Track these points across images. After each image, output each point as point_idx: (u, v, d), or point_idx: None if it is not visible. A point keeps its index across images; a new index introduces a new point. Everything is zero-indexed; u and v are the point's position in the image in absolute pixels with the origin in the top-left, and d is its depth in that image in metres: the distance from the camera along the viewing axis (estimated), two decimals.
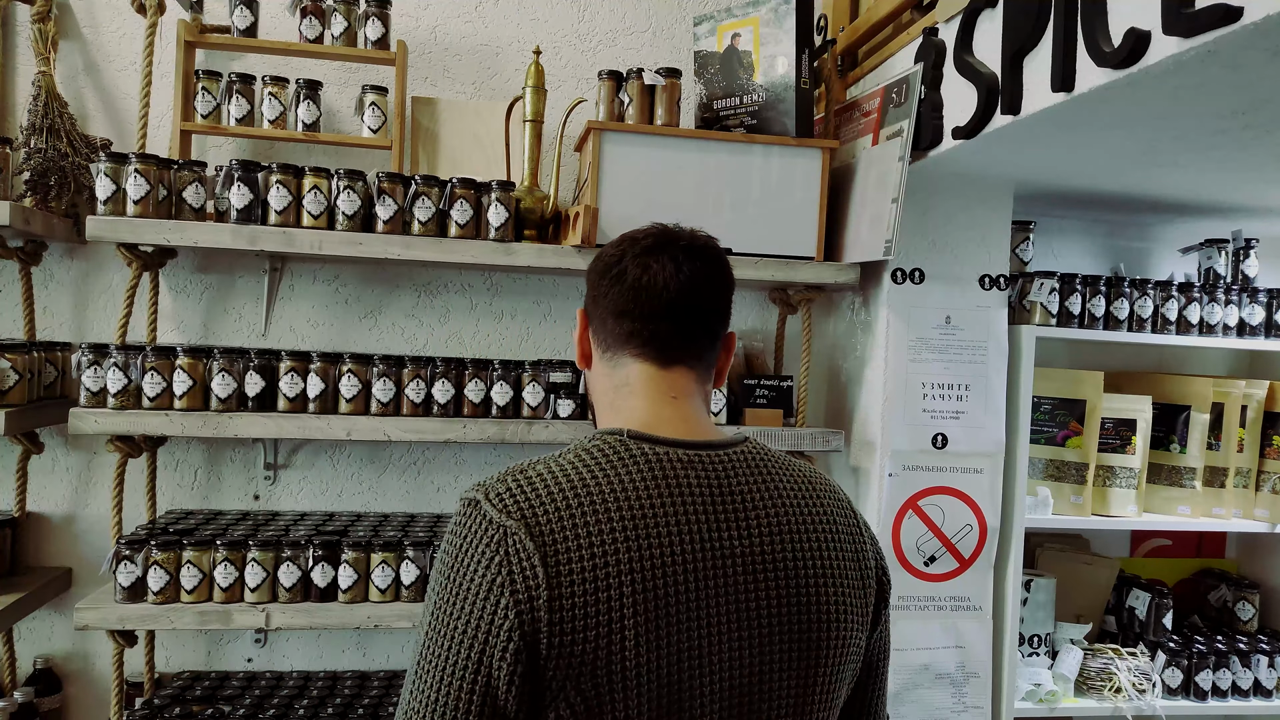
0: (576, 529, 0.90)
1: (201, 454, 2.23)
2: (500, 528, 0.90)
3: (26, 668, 2.15)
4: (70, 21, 2.16)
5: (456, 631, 0.88)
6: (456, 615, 0.89)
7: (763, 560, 0.97)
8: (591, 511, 0.91)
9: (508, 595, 0.87)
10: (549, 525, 0.90)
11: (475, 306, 2.34)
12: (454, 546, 0.92)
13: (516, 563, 0.88)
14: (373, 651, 2.30)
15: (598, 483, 0.93)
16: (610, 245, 1.14)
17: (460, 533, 0.92)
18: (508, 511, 0.91)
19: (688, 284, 1.06)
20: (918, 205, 2.10)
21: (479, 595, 0.88)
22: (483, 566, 0.89)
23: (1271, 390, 2.43)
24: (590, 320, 1.13)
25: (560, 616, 0.87)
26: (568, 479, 0.94)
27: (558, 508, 0.91)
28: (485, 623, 0.87)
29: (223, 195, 1.90)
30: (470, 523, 0.92)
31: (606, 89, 2.08)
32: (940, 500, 2.12)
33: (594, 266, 1.14)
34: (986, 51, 1.63)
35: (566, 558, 0.89)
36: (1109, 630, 2.51)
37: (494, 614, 0.87)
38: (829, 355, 2.43)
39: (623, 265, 1.08)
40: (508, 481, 0.94)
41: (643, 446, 0.98)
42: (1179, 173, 1.93)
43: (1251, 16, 1.06)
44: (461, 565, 0.90)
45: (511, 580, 0.88)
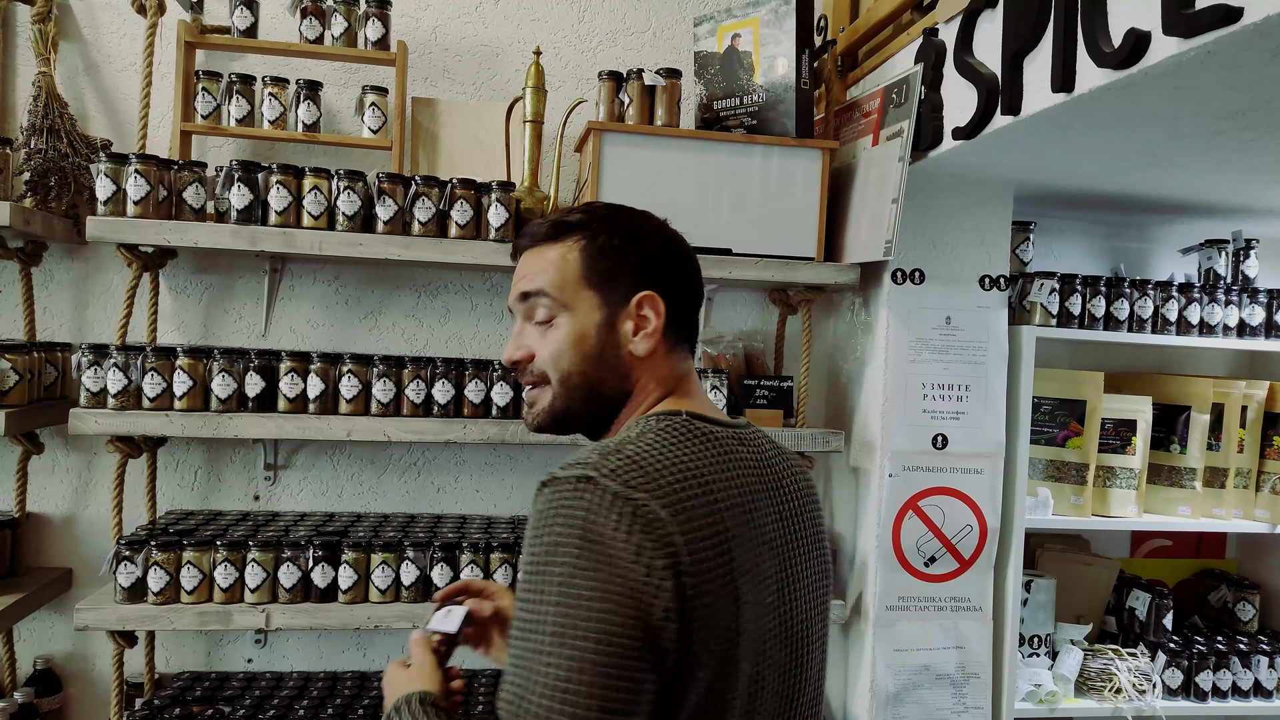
0: (692, 501, 0.93)
1: (201, 454, 2.23)
2: (630, 500, 0.89)
3: (26, 668, 2.15)
4: (70, 22, 2.16)
5: (611, 596, 0.86)
6: (607, 582, 0.86)
7: (798, 522, 1.08)
8: (695, 485, 0.95)
9: (660, 560, 0.88)
10: (672, 497, 0.92)
11: (475, 307, 2.34)
12: (576, 521, 0.88)
13: (657, 531, 0.89)
14: (373, 652, 2.30)
15: (687, 460, 0.97)
16: (632, 214, 1.13)
17: (581, 507, 0.89)
18: (631, 485, 0.90)
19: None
20: (918, 206, 2.10)
21: (629, 562, 0.87)
22: (624, 534, 0.87)
23: (1271, 391, 2.43)
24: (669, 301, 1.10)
25: (698, 581, 0.90)
26: (663, 457, 0.96)
27: (670, 482, 0.93)
28: (640, 585, 0.87)
29: (223, 196, 1.90)
30: (591, 497, 0.89)
31: (606, 89, 2.08)
32: (940, 501, 2.12)
33: (642, 239, 1.11)
34: (986, 52, 1.63)
35: (694, 525, 0.92)
36: (1109, 631, 2.50)
37: (648, 577, 0.87)
38: (829, 356, 2.43)
39: (671, 233, 1.14)
40: (612, 461, 0.93)
41: (704, 425, 1.04)
42: (1179, 173, 1.93)
43: (1251, 17, 1.06)
44: (598, 536, 0.88)
45: (658, 547, 0.88)
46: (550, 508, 0.91)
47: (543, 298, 1.09)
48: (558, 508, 0.91)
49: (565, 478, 0.92)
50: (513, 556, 1.98)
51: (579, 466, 0.93)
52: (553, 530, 0.90)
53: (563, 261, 1.09)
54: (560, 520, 0.90)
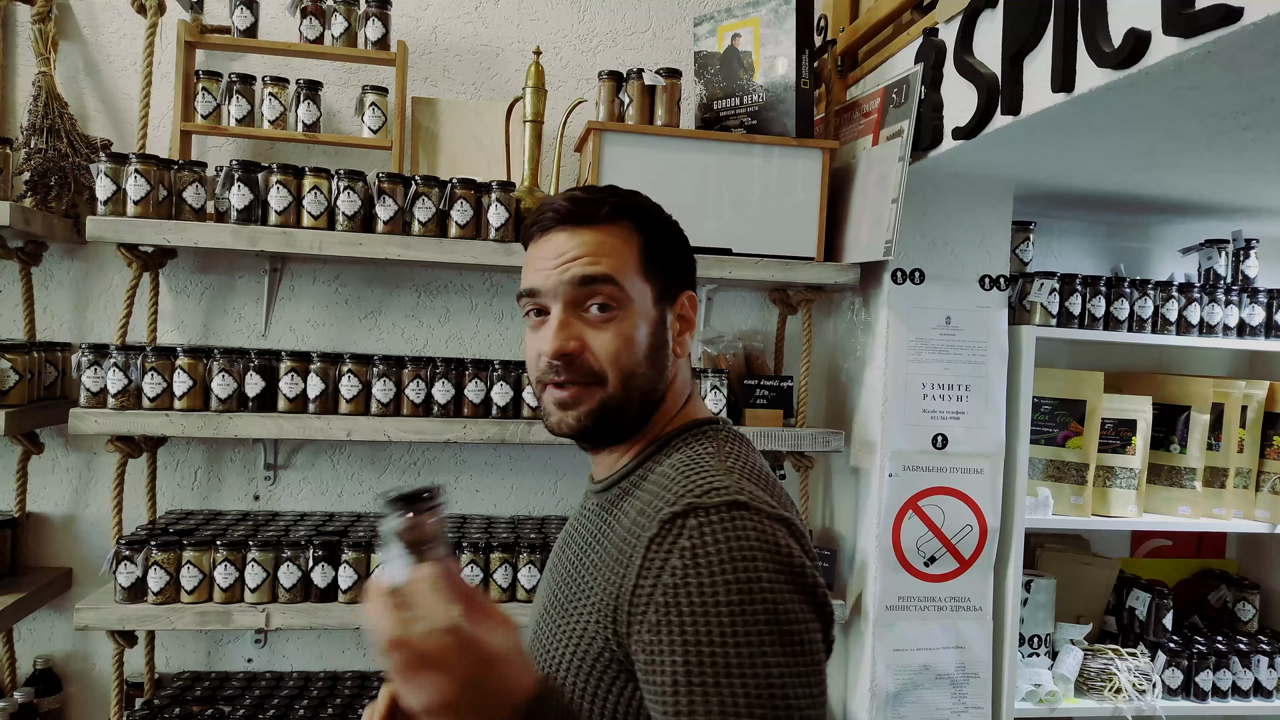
0: (794, 509, 0.96)
1: (201, 454, 2.23)
2: (784, 520, 0.88)
3: (26, 668, 2.15)
4: (70, 22, 2.16)
5: (812, 621, 0.85)
6: (804, 606, 0.85)
7: None
8: (784, 492, 0.97)
9: (820, 580, 0.88)
10: (793, 511, 0.94)
11: (475, 306, 2.34)
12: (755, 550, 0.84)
13: (807, 550, 0.89)
14: (373, 652, 2.30)
15: (765, 468, 0.99)
16: (657, 207, 1.07)
17: (754, 535, 0.85)
18: (774, 506, 0.90)
19: None
20: (918, 205, 2.10)
21: (812, 582, 0.86)
22: (798, 555, 0.86)
23: (1271, 390, 2.43)
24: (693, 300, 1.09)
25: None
26: (763, 471, 0.97)
27: (782, 496, 0.95)
28: (823, 602, 0.87)
29: (223, 195, 1.90)
30: (758, 524, 0.86)
31: (606, 89, 2.08)
32: (940, 501, 2.12)
33: (677, 234, 1.08)
34: (986, 52, 1.63)
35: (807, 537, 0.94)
36: (1109, 631, 2.50)
37: (824, 603, 0.87)
38: (829, 356, 2.43)
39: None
40: (742, 482, 0.91)
41: (738, 429, 1.06)
42: (1179, 173, 1.93)
43: (1251, 17, 1.06)
44: (785, 562, 0.85)
45: (811, 562, 0.88)
46: (714, 540, 0.84)
47: (609, 285, 0.98)
48: (725, 539, 0.84)
49: (714, 505, 0.86)
50: (512, 556, 1.98)
51: (719, 491, 0.88)
52: (732, 565, 0.83)
53: (626, 247, 1.00)
54: (737, 553, 0.83)
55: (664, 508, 0.88)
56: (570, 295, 0.98)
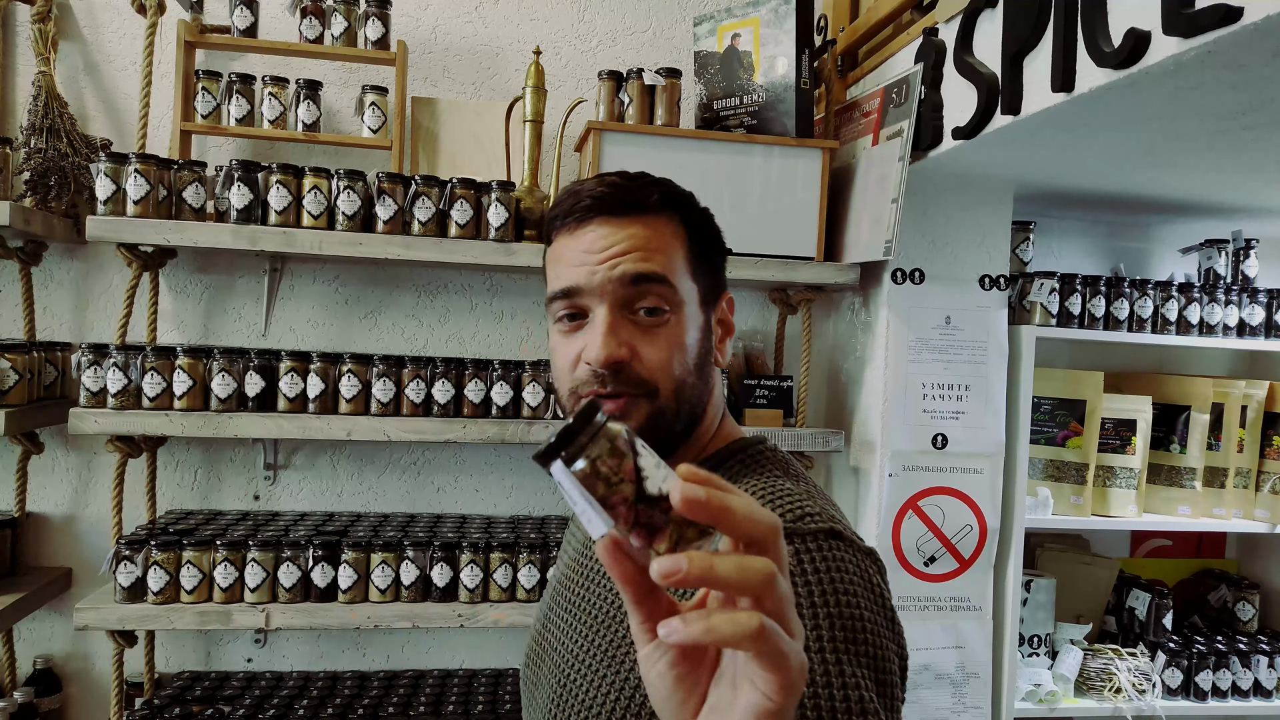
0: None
1: (201, 454, 2.23)
2: (870, 553, 0.85)
3: (26, 668, 2.15)
4: (70, 21, 2.16)
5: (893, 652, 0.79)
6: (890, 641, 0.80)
7: None
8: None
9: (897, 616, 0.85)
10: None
11: (475, 306, 2.34)
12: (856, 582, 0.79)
13: (887, 584, 0.85)
14: (372, 652, 2.30)
15: (824, 492, 0.94)
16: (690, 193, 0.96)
17: (852, 567, 0.80)
18: (861, 540, 0.86)
19: None
20: (918, 205, 2.10)
21: (897, 630, 0.82)
22: (888, 598, 0.83)
23: (1271, 390, 2.43)
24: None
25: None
26: (823, 494, 0.93)
27: (848, 522, 0.90)
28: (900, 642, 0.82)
29: (223, 195, 1.90)
30: (849, 555, 0.81)
31: (606, 89, 2.08)
32: (940, 500, 2.12)
33: (717, 226, 0.97)
34: (986, 52, 1.63)
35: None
36: (1109, 630, 2.50)
37: (901, 632, 0.83)
38: (829, 355, 2.43)
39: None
40: (829, 510, 0.87)
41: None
42: (1179, 173, 1.93)
43: (1251, 17, 1.06)
44: (880, 596, 0.81)
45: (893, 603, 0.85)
46: (815, 570, 0.77)
47: (663, 286, 0.87)
48: (825, 570, 0.77)
49: (809, 532, 0.80)
50: (513, 556, 1.98)
51: (813, 518, 0.82)
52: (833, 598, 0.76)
53: (675, 241, 0.90)
54: (837, 585, 0.77)
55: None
56: (619, 295, 0.86)
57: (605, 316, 0.86)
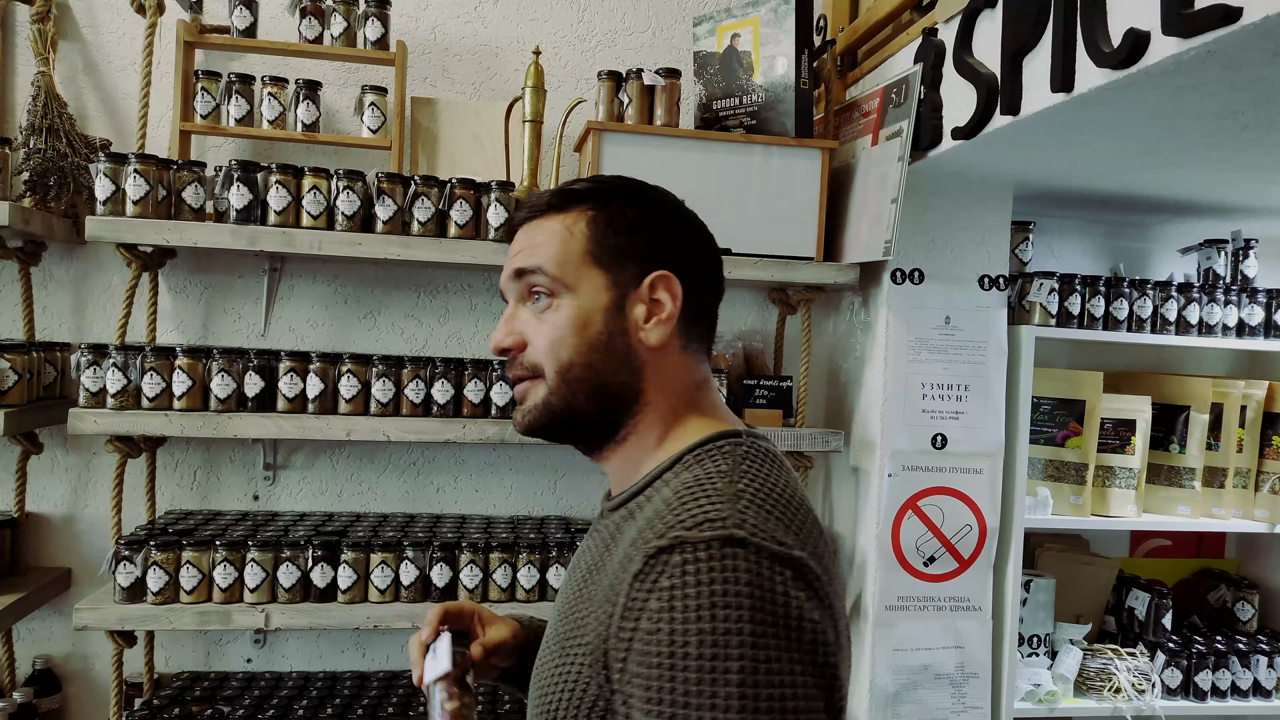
0: (823, 544, 0.85)
1: (201, 454, 2.23)
2: (790, 561, 0.77)
3: (26, 668, 2.15)
4: (70, 21, 2.16)
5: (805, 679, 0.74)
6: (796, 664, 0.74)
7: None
8: (816, 524, 0.87)
9: (830, 626, 0.78)
10: (814, 545, 0.83)
11: (475, 306, 2.34)
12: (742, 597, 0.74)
13: (821, 591, 0.79)
14: (372, 652, 2.30)
15: (799, 495, 0.88)
16: (645, 186, 0.99)
17: (743, 579, 0.74)
18: (783, 542, 0.78)
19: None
20: (917, 205, 2.10)
21: (810, 635, 0.75)
22: (796, 603, 0.75)
23: (1271, 390, 2.43)
24: (685, 287, 0.96)
25: (845, 641, 0.84)
26: (785, 497, 0.85)
27: (806, 527, 0.84)
28: (825, 658, 0.76)
29: (222, 195, 1.90)
30: (751, 564, 0.75)
31: (606, 89, 2.08)
32: (940, 500, 2.12)
33: (659, 210, 0.98)
34: (986, 52, 1.63)
35: (834, 574, 0.84)
36: (1108, 630, 2.51)
37: (826, 655, 0.76)
38: (828, 355, 2.43)
39: (706, 230, 1.01)
40: (748, 511, 0.80)
41: (765, 444, 0.94)
42: (1179, 173, 1.93)
43: (1251, 16, 1.06)
44: (774, 613, 0.74)
45: (825, 610, 0.78)
46: (695, 582, 0.74)
47: (540, 275, 0.94)
48: (708, 582, 0.74)
49: (703, 540, 0.76)
50: (512, 557, 1.98)
51: (711, 524, 0.77)
52: (710, 614, 0.73)
53: (567, 234, 0.95)
54: (718, 599, 0.73)
55: (652, 539, 0.79)
56: (513, 290, 0.98)
57: (508, 309, 0.99)
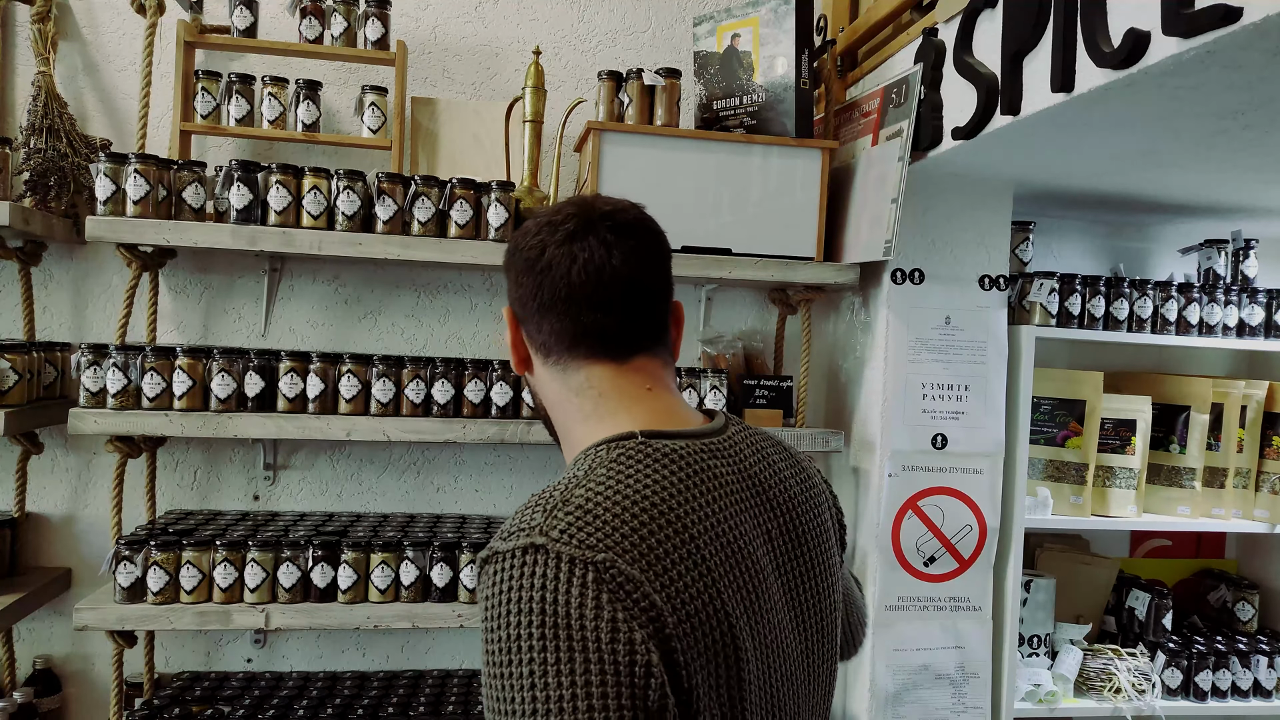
0: (665, 545, 0.81)
1: (201, 454, 2.23)
2: (589, 565, 0.76)
3: (26, 668, 2.15)
4: (70, 21, 2.16)
5: (593, 689, 0.73)
6: (583, 674, 0.73)
7: (787, 534, 0.97)
8: (665, 525, 0.82)
9: (638, 630, 0.75)
10: (641, 547, 0.79)
11: (475, 306, 2.34)
12: (533, 603, 0.75)
13: (628, 595, 0.76)
14: (372, 652, 2.30)
15: (651, 495, 0.84)
16: (526, 233, 1.00)
17: (534, 585, 0.76)
18: (589, 545, 0.77)
19: (623, 266, 0.95)
20: (917, 205, 2.10)
21: (605, 642, 0.74)
22: (591, 608, 0.75)
23: (1271, 390, 2.43)
24: (521, 321, 1.02)
25: (691, 643, 0.79)
26: (620, 498, 0.82)
27: (635, 528, 0.80)
28: (624, 668, 0.74)
29: (222, 195, 1.90)
30: (544, 570, 0.76)
31: (606, 89, 2.08)
32: (940, 500, 2.12)
33: (512, 260, 1.01)
34: (986, 52, 1.63)
35: (673, 577, 0.80)
36: (1109, 630, 2.50)
37: (632, 655, 0.74)
38: (829, 355, 2.43)
39: (546, 257, 0.96)
40: (560, 517, 0.79)
41: (665, 445, 0.90)
42: (1179, 173, 1.93)
43: (1251, 17, 1.06)
44: (562, 618, 0.74)
45: (633, 615, 0.76)
46: (497, 591, 0.77)
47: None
48: (506, 590, 0.76)
49: (507, 550, 0.78)
50: None
51: (522, 533, 0.79)
52: (505, 619, 0.75)
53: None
54: (511, 606, 0.75)
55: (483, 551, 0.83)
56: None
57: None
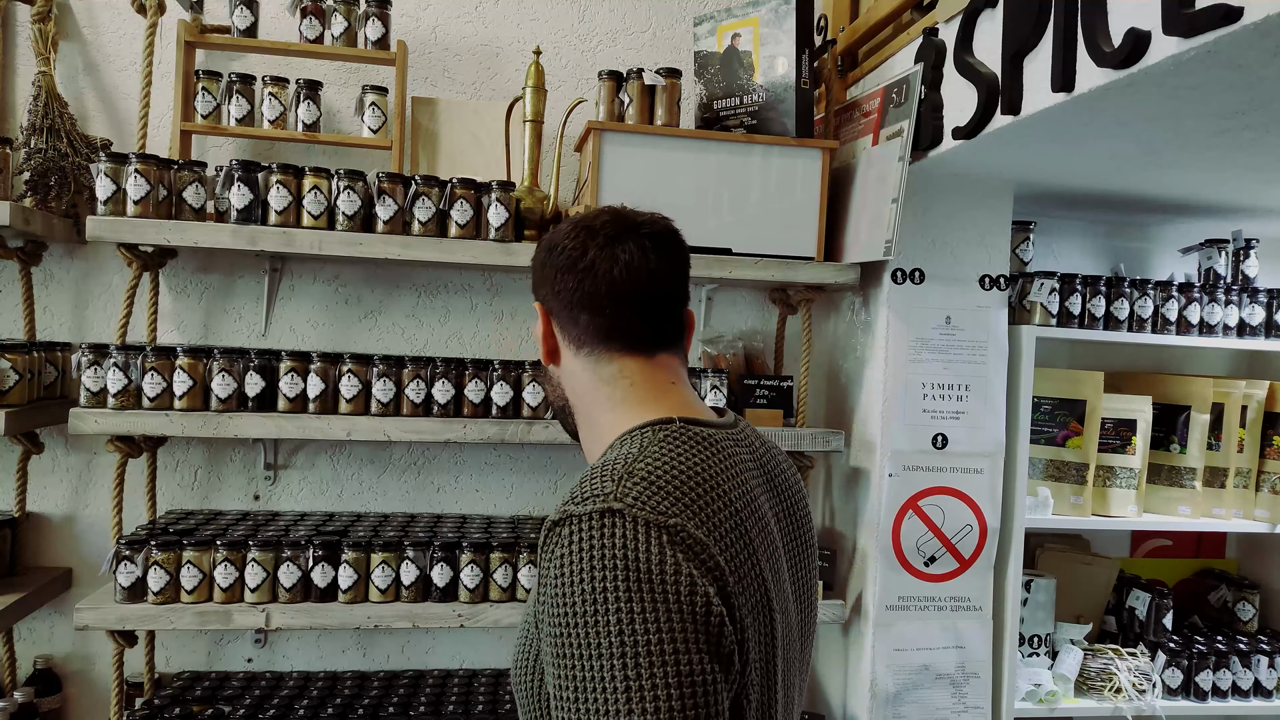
0: (720, 515, 0.90)
1: (201, 454, 2.23)
2: (663, 528, 0.84)
3: (26, 668, 2.15)
4: (70, 21, 2.16)
5: (679, 636, 0.80)
6: (669, 622, 0.80)
7: (795, 520, 1.10)
8: (716, 497, 0.91)
9: (712, 586, 0.83)
10: (703, 514, 0.88)
11: (475, 306, 2.34)
12: (616, 560, 0.81)
13: (697, 555, 0.84)
14: (373, 652, 2.30)
15: (701, 470, 0.93)
16: (565, 235, 1.09)
17: (617, 544, 0.82)
18: (660, 511, 0.85)
19: (657, 272, 1.06)
20: (918, 205, 2.10)
21: (685, 595, 0.81)
22: (670, 567, 0.82)
23: (1271, 390, 2.43)
24: (554, 315, 1.10)
25: (743, 600, 0.88)
26: (678, 471, 0.91)
27: (695, 498, 0.89)
28: (703, 617, 0.82)
29: (223, 195, 1.90)
30: (625, 531, 0.83)
31: (606, 89, 2.08)
32: (940, 500, 2.12)
33: (551, 260, 1.09)
34: (986, 52, 1.63)
35: (729, 541, 0.89)
36: (1109, 630, 2.50)
37: (708, 607, 0.82)
38: (829, 355, 2.43)
39: (589, 258, 1.05)
40: (628, 485, 0.87)
41: (700, 430, 0.99)
42: (1179, 173, 1.93)
43: (1251, 16, 1.06)
44: (646, 573, 0.81)
45: (705, 572, 0.84)
46: (576, 550, 0.83)
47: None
48: (587, 549, 0.83)
49: (585, 514, 0.85)
50: (513, 556, 1.98)
51: (595, 499, 0.86)
52: (589, 576, 0.81)
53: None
54: (595, 562, 0.82)
55: (552, 516, 0.89)
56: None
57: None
